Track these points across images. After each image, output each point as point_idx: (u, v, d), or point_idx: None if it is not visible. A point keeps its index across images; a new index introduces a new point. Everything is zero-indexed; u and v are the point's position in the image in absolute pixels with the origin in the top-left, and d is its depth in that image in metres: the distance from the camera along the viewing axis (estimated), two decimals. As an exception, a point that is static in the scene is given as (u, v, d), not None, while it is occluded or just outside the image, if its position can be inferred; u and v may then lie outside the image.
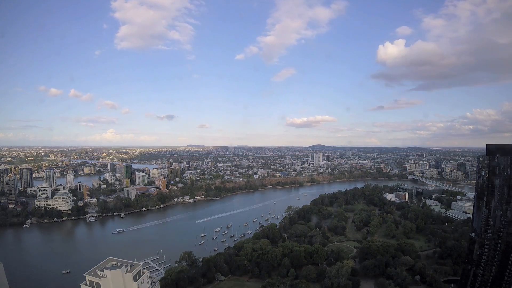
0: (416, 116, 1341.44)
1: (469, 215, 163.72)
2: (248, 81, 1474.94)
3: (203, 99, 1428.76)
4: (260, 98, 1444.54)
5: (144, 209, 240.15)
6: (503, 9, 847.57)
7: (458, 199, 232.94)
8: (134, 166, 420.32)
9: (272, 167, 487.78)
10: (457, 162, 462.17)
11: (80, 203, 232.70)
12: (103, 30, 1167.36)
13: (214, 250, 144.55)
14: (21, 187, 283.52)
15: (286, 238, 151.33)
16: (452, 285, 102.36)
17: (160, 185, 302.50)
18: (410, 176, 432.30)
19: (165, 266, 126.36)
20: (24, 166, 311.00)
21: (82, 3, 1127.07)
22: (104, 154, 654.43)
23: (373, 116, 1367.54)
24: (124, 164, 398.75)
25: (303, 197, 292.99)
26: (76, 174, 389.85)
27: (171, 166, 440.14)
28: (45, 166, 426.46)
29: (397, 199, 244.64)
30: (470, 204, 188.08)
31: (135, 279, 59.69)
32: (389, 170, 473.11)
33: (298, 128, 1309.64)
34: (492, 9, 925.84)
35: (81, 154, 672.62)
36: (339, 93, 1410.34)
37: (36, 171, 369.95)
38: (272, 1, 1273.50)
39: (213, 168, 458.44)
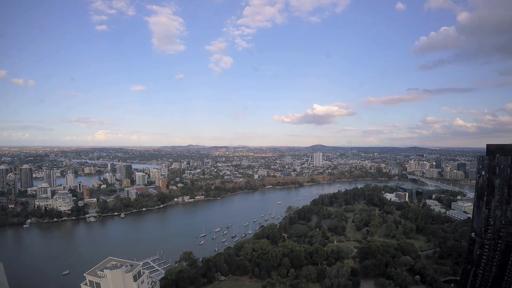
0: (417, 115, 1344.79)
1: (469, 215, 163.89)
2: (239, 78, 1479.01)
3: (193, 98, 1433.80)
4: (257, 94, 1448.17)
5: (144, 209, 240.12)
6: None
7: (458, 199, 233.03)
8: (134, 166, 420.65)
9: (272, 167, 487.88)
10: (457, 162, 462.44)
11: (80, 203, 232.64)
12: (97, 30, 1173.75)
13: (214, 250, 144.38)
14: (21, 187, 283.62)
15: (286, 238, 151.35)
16: (452, 285, 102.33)
17: (160, 185, 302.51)
18: (410, 176, 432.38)
19: (165, 266, 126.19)
20: (24, 166, 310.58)
21: (82, 4, 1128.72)
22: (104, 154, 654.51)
23: (373, 114, 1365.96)
24: (124, 164, 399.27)
25: (303, 197, 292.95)
26: (76, 174, 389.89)
27: (171, 166, 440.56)
28: (45, 166, 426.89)
29: (397, 199, 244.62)
30: (470, 204, 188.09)
31: (135, 279, 59.78)
32: (389, 170, 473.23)
33: (295, 124, 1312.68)
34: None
35: (81, 154, 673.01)
36: (334, 86, 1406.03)
37: (36, 171, 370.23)
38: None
39: (213, 168, 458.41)
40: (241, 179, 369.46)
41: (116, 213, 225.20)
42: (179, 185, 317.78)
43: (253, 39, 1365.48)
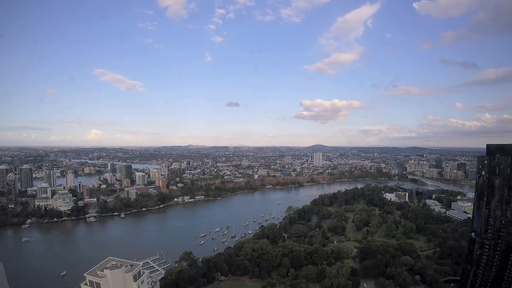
0: (417, 114, 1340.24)
1: (469, 215, 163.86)
2: (235, 76, 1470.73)
3: (189, 97, 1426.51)
4: (255, 93, 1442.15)
5: (144, 209, 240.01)
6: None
7: (458, 199, 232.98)
8: (134, 166, 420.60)
9: (272, 167, 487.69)
10: (457, 162, 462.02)
11: (80, 203, 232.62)
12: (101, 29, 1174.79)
13: (214, 250, 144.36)
14: (21, 187, 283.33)
15: (286, 238, 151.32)
16: (452, 285, 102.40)
17: (160, 185, 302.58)
18: (410, 176, 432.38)
19: (165, 266, 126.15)
20: (24, 166, 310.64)
21: (82, 3, 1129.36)
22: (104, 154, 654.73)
23: (373, 112, 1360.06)
24: (124, 164, 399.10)
25: (303, 197, 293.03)
26: (76, 174, 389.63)
27: (171, 166, 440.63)
28: (45, 166, 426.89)
29: (397, 199, 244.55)
30: (470, 204, 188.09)
31: (135, 279, 59.87)
32: (389, 170, 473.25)
33: (293, 122, 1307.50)
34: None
35: (81, 154, 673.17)
36: (331, 83, 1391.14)
37: (36, 171, 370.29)
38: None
39: (213, 168, 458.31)
40: (241, 179, 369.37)
41: (116, 213, 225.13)
42: (179, 185, 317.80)
43: (243, 35, 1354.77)
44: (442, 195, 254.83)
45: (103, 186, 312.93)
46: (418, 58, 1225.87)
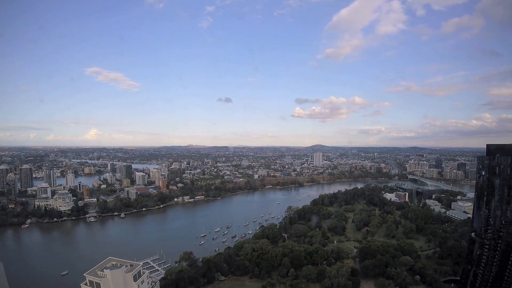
0: (417, 114, 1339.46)
1: (469, 215, 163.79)
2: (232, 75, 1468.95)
3: (189, 96, 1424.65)
4: (254, 93, 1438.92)
5: (144, 209, 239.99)
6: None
7: (458, 199, 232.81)
8: (134, 166, 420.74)
9: (272, 167, 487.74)
10: (457, 162, 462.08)
11: (80, 203, 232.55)
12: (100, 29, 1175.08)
13: (214, 250, 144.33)
14: (21, 187, 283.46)
15: (286, 238, 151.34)
16: (452, 285, 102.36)
17: (160, 185, 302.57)
18: (410, 176, 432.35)
19: (165, 266, 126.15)
20: (24, 166, 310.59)
21: (81, 3, 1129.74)
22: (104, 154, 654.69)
23: (373, 111, 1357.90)
24: (124, 164, 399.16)
25: (303, 197, 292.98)
26: (76, 174, 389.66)
27: (171, 166, 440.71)
28: (45, 166, 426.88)
29: (397, 199, 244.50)
30: (470, 204, 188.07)
31: (135, 279, 59.92)
32: (389, 170, 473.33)
33: (291, 122, 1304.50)
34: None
35: (81, 154, 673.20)
36: (330, 82, 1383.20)
37: (36, 171, 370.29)
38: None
39: (213, 168, 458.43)
40: (241, 179, 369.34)
41: (116, 213, 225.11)
42: (179, 185, 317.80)
43: (242, 33, 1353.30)
44: (442, 195, 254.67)
45: (103, 186, 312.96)
46: (417, 53, 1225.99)
